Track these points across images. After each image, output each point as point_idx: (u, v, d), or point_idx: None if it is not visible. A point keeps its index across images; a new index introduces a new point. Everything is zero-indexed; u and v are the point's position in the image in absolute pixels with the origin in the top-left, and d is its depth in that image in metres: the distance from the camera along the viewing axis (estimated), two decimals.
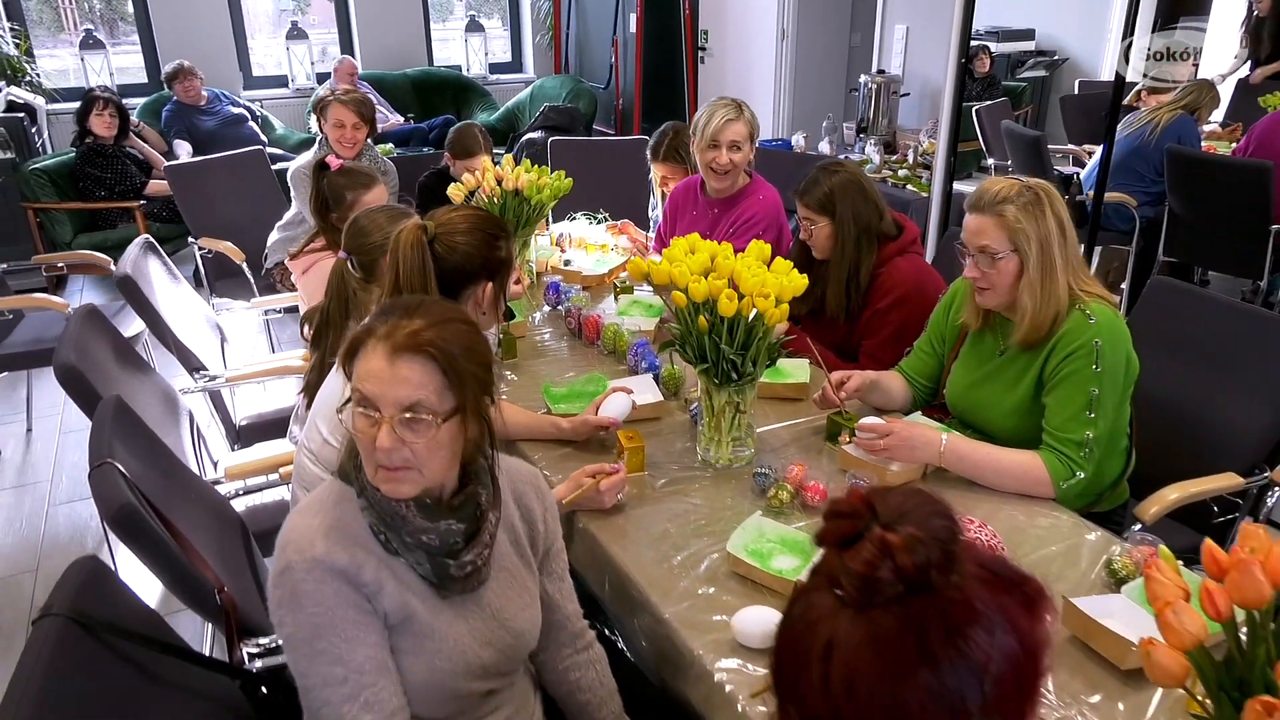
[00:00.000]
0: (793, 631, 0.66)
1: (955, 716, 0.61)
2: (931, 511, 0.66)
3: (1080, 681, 1.32)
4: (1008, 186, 1.80)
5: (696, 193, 2.94)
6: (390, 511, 1.18)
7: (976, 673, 0.62)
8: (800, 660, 0.64)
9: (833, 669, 0.62)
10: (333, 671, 1.15)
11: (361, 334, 1.17)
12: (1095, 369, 1.75)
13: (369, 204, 2.39)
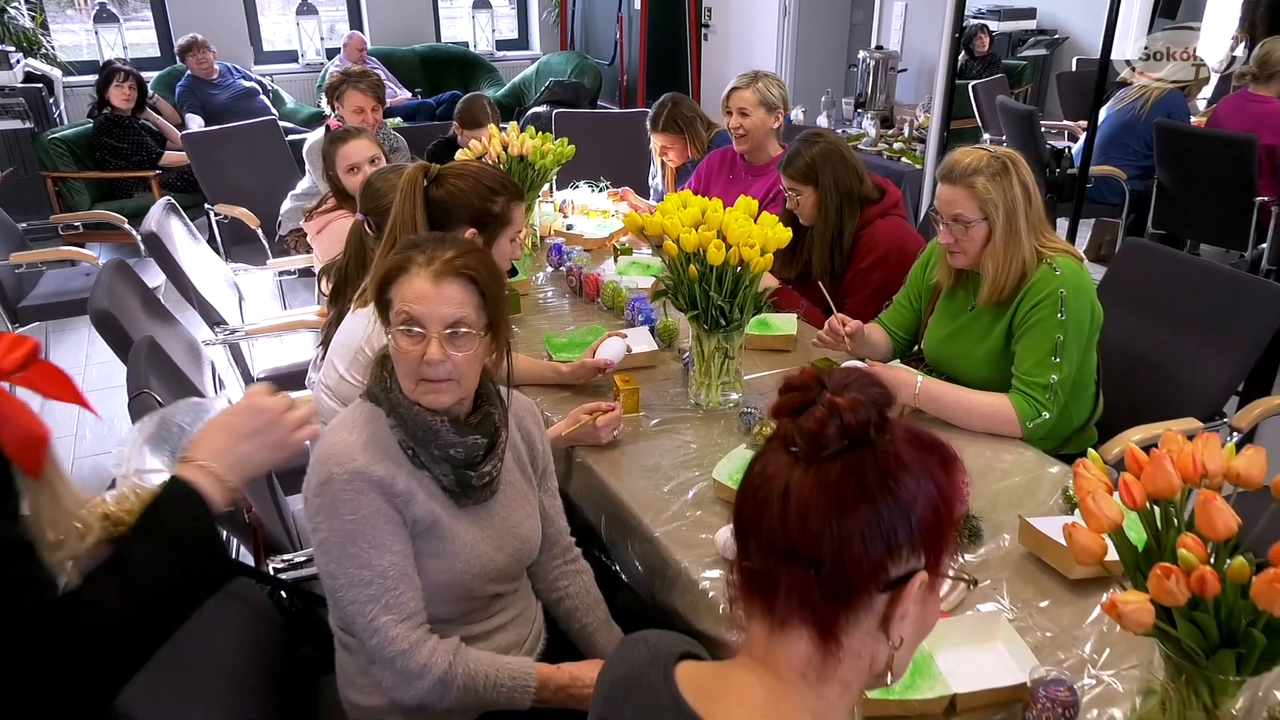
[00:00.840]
0: (754, 483, 0.79)
1: (888, 546, 0.74)
2: (870, 383, 0.79)
3: (1032, 590, 1.45)
4: (977, 158, 1.91)
5: (732, 157, 3.07)
6: (423, 426, 1.33)
7: (905, 511, 0.75)
8: (761, 504, 0.77)
9: (789, 508, 0.75)
10: (360, 574, 1.29)
11: (400, 262, 1.32)
12: (1060, 316, 1.87)
13: (347, 155, 2.63)
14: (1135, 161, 4.41)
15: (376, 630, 1.30)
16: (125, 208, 5.05)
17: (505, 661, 1.39)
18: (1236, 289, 2.20)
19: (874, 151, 4.52)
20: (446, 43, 7.69)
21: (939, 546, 0.78)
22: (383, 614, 1.31)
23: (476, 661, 1.36)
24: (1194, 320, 2.23)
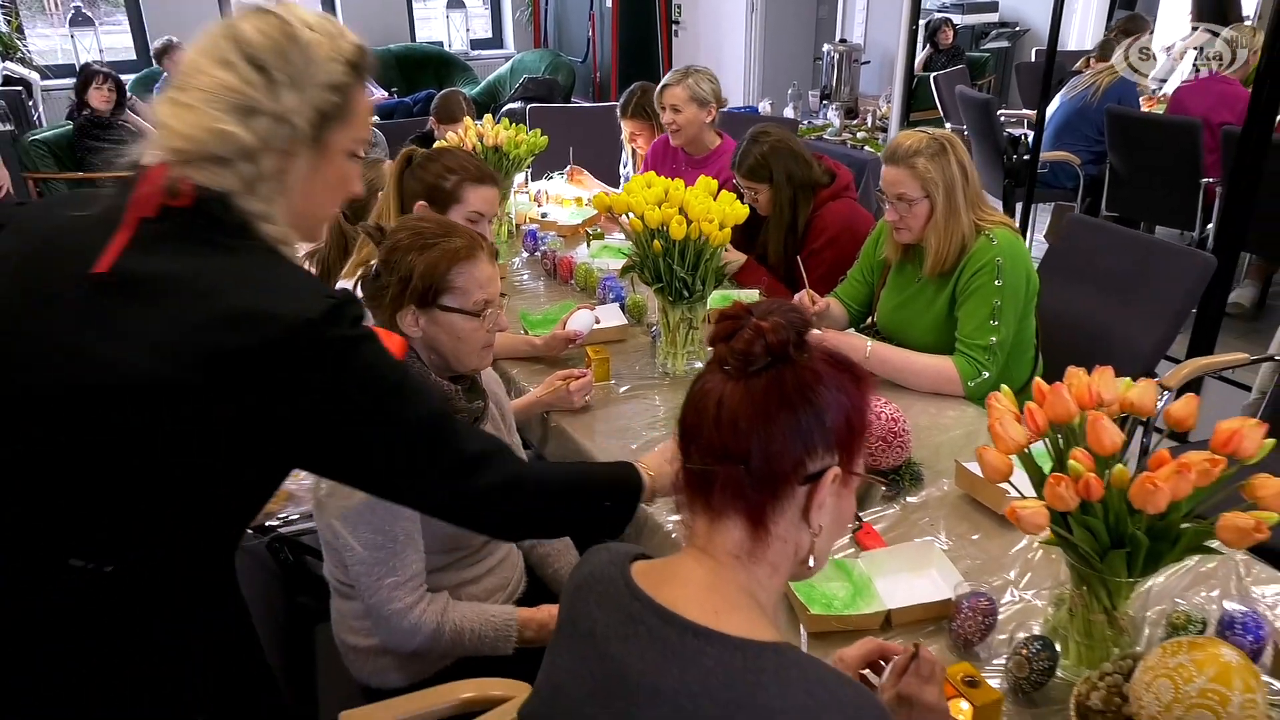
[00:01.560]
0: (694, 398, 0.92)
1: (806, 445, 0.88)
2: (790, 310, 0.92)
3: (966, 525, 1.60)
4: (917, 140, 2.05)
5: (673, 150, 3.20)
6: (442, 395, 1.48)
7: (819, 416, 0.88)
8: (699, 414, 0.91)
9: (722, 416, 0.89)
10: (373, 539, 1.42)
11: (463, 251, 1.46)
12: (997, 283, 2.02)
13: None
14: (1088, 147, 4.58)
15: (379, 590, 1.43)
16: None
17: (490, 614, 1.52)
18: (1166, 257, 2.36)
19: (838, 140, 4.68)
20: (421, 42, 7.79)
21: (851, 448, 0.92)
22: (387, 576, 1.43)
23: (462, 617, 1.49)
24: (1128, 288, 2.39)
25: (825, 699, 0.81)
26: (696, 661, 0.84)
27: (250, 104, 0.95)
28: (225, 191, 0.95)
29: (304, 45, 0.99)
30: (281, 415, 0.93)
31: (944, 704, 1.09)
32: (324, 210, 1.09)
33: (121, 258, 0.91)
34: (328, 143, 1.02)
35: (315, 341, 0.92)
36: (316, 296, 0.94)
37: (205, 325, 0.89)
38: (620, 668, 0.87)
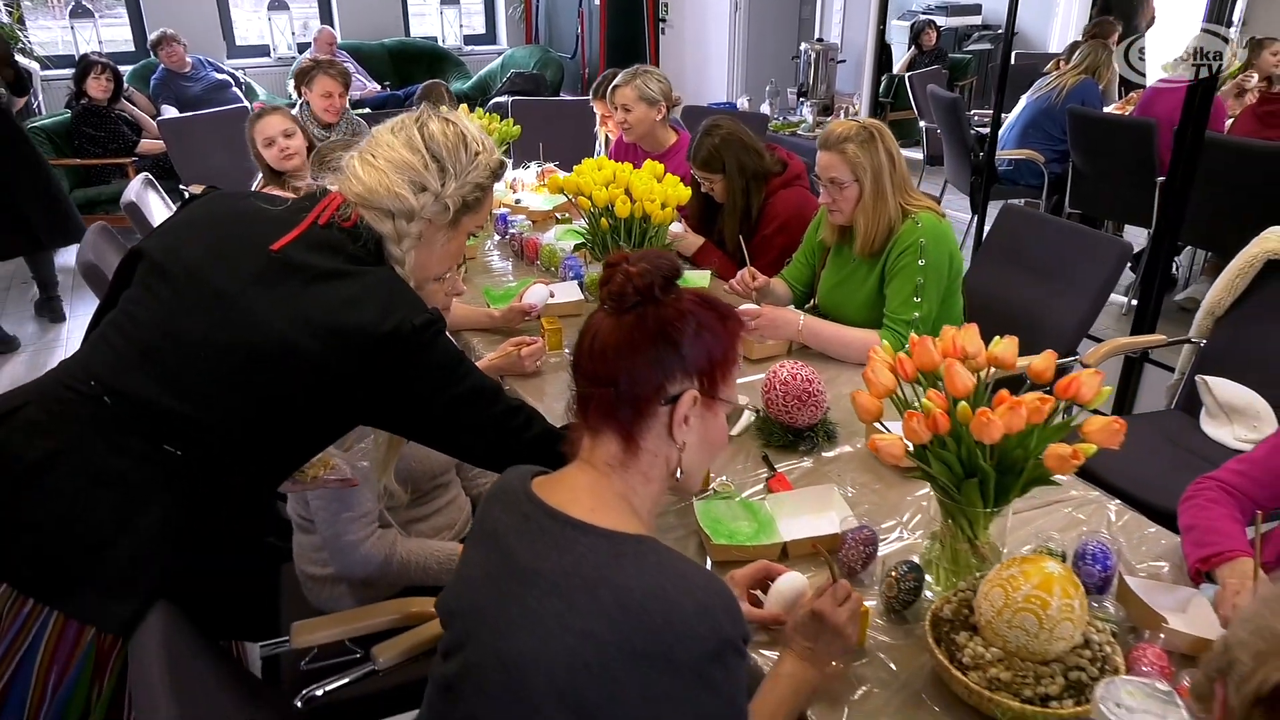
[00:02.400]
0: (581, 334, 1.09)
1: (665, 371, 1.04)
2: (660, 258, 1.08)
3: (869, 477, 1.75)
4: (848, 128, 2.21)
5: (632, 146, 3.36)
6: None
7: (677, 347, 1.04)
8: (580, 346, 1.07)
9: (596, 346, 1.05)
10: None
11: None
12: (921, 262, 2.17)
13: (262, 130, 2.88)
14: (1052, 146, 4.73)
15: (335, 523, 1.59)
16: (104, 194, 5.29)
17: (434, 549, 1.68)
18: (1089, 244, 2.52)
19: (811, 137, 4.83)
20: (415, 38, 7.95)
21: (712, 376, 1.08)
22: (343, 511, 1.60)
23: (409, 551, 1.65)
24: (1053, 271, 2.55)
25: (675, 578, 0.97)
26: (571, 548, 0.99)
27: (423, 182, 1.29)
28: (381, 234, 1.28)
29: (468, 150, 1.33)
30: (378, 386, 1.21)
31: (850, 630, 1.23)
32: (436, 270, 1.39)
33: (290, 245, 1.22)
34: (461, 224, 1.35)
35: (415, 338, 1.21)
36: (420, 310, 1.24)
37: (339, 307, 1.19)
38: (512, 557, 1.03)
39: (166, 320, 1.21)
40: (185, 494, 1.18)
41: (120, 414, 1.17)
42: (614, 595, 0.95)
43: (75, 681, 1.12)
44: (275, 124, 2.89)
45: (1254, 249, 2.44)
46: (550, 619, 0.96)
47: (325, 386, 1.20)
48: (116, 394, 1.18)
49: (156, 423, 1.17)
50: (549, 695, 0.95)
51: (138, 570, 1.13)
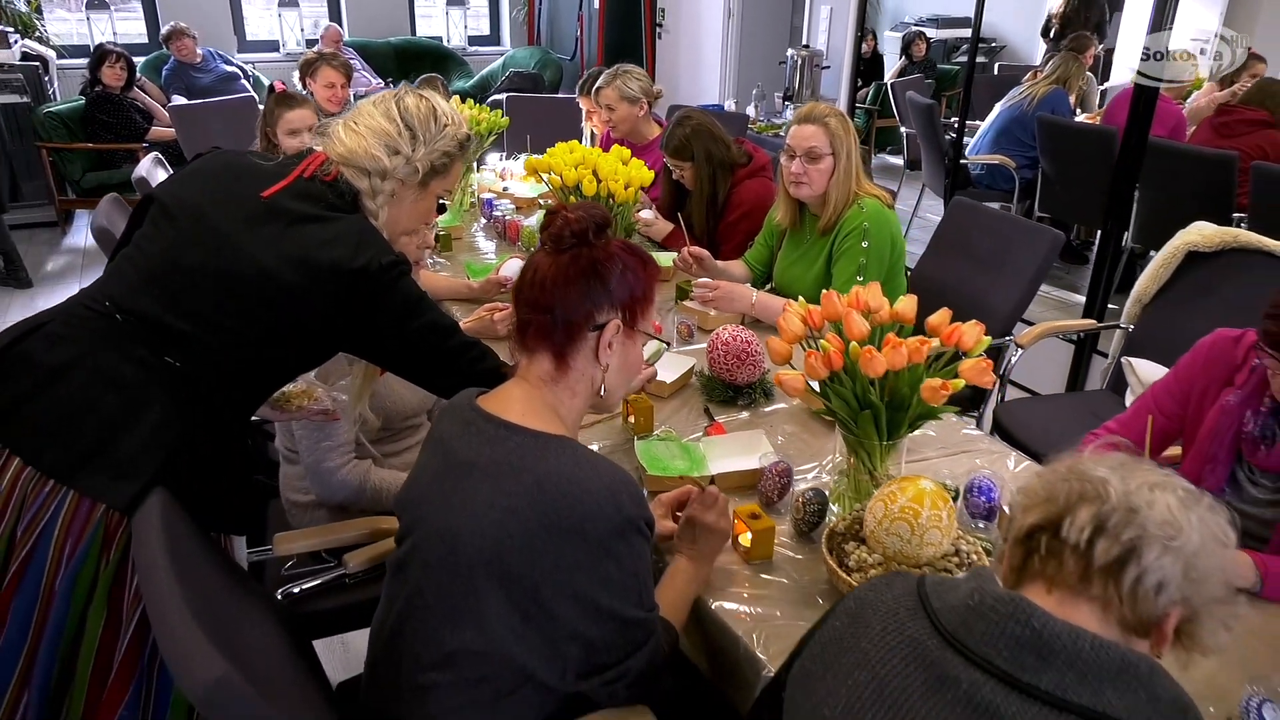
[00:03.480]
0: (524, 270, 1.28)
1: (594, 302, 1.23)
2: (593, 209, 1.28)
3: (797, 427, 1.95)
4: (827, 107, 2.43)
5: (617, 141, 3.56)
6: None
7: (605, 282, 1.24)
8: (523, 279, 1.27)
9: (536, 279, 1.24)
10: None
11: None
12: (864, 244, 2.37)
13: (292, 120, 2.92)
14: (1023, 152, 4.93)
15: (315, 451, 1.79)
16: (115, 177, 5.51)
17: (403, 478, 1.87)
18: (1024, 234, 2.72)
19: None
20: (421, 37, 8.17)
21: (633, 310, 1.28)
22: (323, 440, 1.80)
23: (380, 479, 1.85)
24: (994, 260, 2.75)
25: (588, 467, 1.17)
26: (502, 444, 1.19)
27: (396, 146, 1.50)
28: (358, 189, 1.49)
29: (438, 122, 1.54)
30: (349, 315, 1.42)
31: (722, 525, 1.44)
32: (407, 226, 1.60)
33: (278, 193, 1.43)
34: (430, 186, 1.56)
35: (382, 275, 1.41)
36: (388, 253, 1.44)
37: (317, 245, 1.39)
38: (453, 454, 1.23)
39: (170, 252, 1.42)
40: (182, 398, 1.38)
41: (129, 329, 1.37)
42: (535, 480, 1.15)
43: (85, 553, 1.31)
44: (306, 117, 2.97)
45: (1177, 241, 2.64)
46: (481, 501, 1.16)
47: (303, 313, 1.40)
48: (126, 312, 1.38)
49: (159, 337, 1.37)
50: (479, 564, 1.15)
51: (140, 457, 1.32)
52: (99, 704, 1.34)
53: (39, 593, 1.32)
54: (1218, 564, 0.87)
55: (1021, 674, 0.80)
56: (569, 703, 1.24)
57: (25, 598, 1.32)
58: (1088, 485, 0.89)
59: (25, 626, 1.33)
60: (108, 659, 1.34)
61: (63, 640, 1.33)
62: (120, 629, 1.34)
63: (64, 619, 1.33)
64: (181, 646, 1.00)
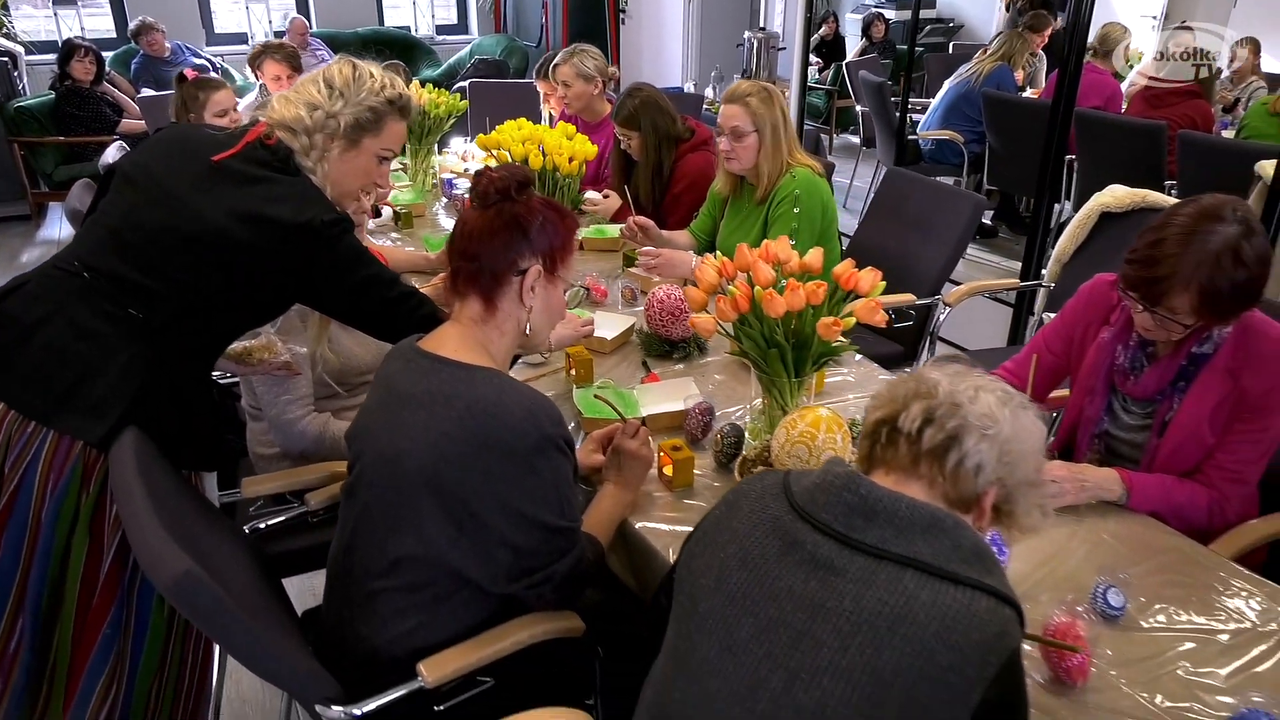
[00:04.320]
0: (456, 224, 1.44)
1: (516, 251, 1.39)
2: (515, 169, 1.43)
3: (728, 377, 2.11)
4: (750, 86, 2.58)
5: (573, 118, 3.70)
6: None
7: (526, 233, 1.39)
8: (456, 231, 1.42)
9: (465, 231, 1.40)
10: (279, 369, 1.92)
11: None
12: (795, 210, 2.54)
13: (219, 101, 3.00)
14: (971, 127, 5.11)
15: (276, 404, 1.94)
16: (86, 169, 5.59)
17: None
18: (951, 199, 2.89)
19: None
20: (389, 27, 8.27)
21: (553, 258, 1.43)
22: (284, 394, 1.94)
23: (339, 429, 2.00)
24: (924, 224, 2.92)
25: (511, 393, 1.33)
26: (437, 375, 1.35)
27: (316, 103, 1.63)
28: (292, 148, 1.62)
29: (359, 80, 1.66)
30: (296, 269, 1.56)
31: (644, 453, 1.60)
32: (349, 185, 1.71)
33: (228, 159, 1.56)
34: (360, 143, 1.67)
35: (319, 233, 1.54)
36: (328, 210, 1.58)
37: (262, 203, 1.52)
38: (395, 389, 1.38)
39: (131, 214, 1.56)
40: (146, 346, 1.52)
41: (96, 285, 1.51)
42: (465, 405, 1.31)
43: (67, 487, 1.46)
44: (228, 96, 3.07)
45: (1092, 204, 2.82)
46: (418, 426, 1.32)
47: (252, 267, 1.54)
48: (93, 270, 1.52)
49: (123, 292, 1.51)
50: (418, 481, 1.30)
51: (110, 399, 1.47)
52: (85, 623, 1.49)
53: (27, 523, 1.47)
54: (1028, 451, 1.04)
55: (851, 533, 0.96)
56: (503, 605, 1.40)
57: (14, 529, 1.47)
58: (922, 385, 1.06)
59: (16, 555, 1.48)
60: (92, 582, 1.49)
61: (50, 566, 1.48)
62: (102, 555, 1.49)
63: (50, 546, 1.48)
64: (153, 549, 1.16)
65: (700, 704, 0.99)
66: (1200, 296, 1.51)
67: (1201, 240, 1.50)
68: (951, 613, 0.89)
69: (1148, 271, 1.54)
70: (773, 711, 0.93)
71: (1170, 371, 1.68)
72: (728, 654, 0.98)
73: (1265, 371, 1.60)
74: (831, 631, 0.92)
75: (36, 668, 1.54)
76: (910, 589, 0.91)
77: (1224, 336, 1.64)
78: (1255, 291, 1.54)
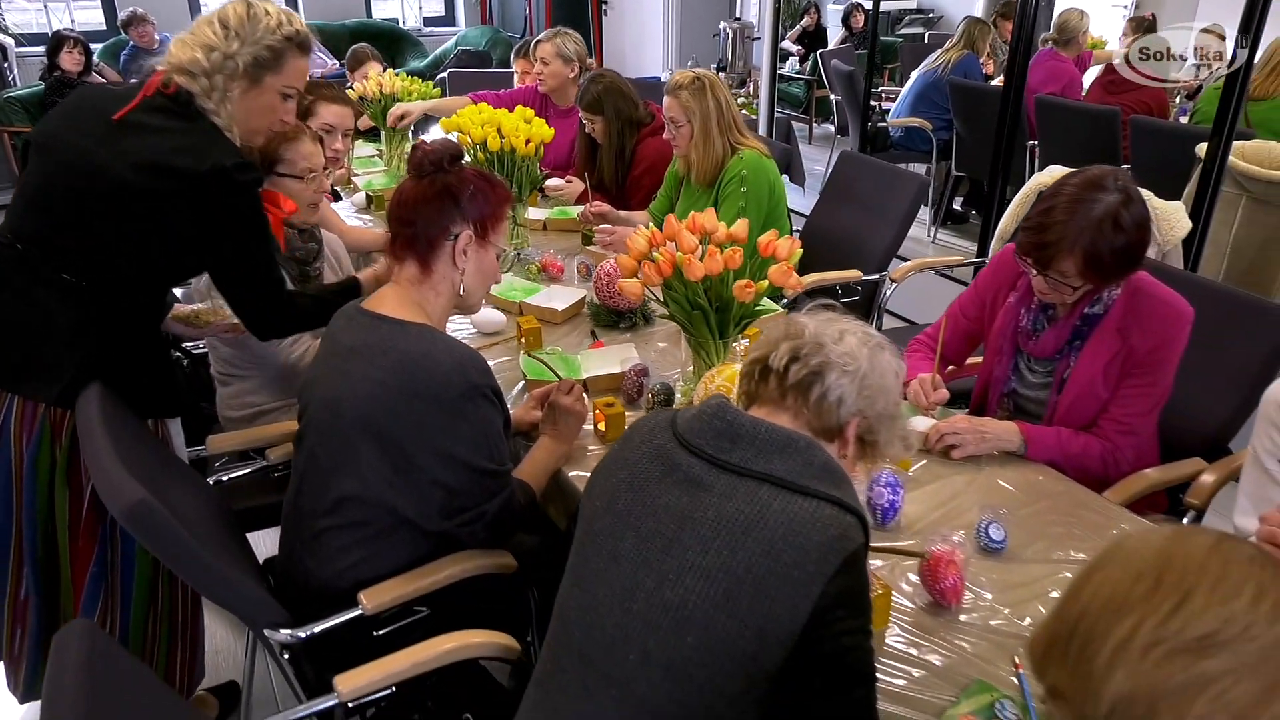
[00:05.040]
0: (394, 194, 1.56)
1: (448, 218, 1.51)
2: (448, 144, 1.56)
3: (669, 345, 2.24)
4: (684, 77, 2.70)
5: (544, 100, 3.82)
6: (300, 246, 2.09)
7: (457, 201, 1.52)
8: (394, 200, 1.55)
9: (401, 200, 1.53)
10: None
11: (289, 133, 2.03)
12: (742, 189, 2.66)
13: None
14: (939, 115, 5.23)
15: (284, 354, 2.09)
16: None
17: None
18: (896, 179, 3.02)
19: None
20: (377, 19, 8.38)
21: (484, 225, 1.56)
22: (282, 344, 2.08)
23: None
24: (872, 205, 3.05)
25: (442, 345, 1.46)
26: (375, 331, 1.48)
27: (212, 45, 1.65)
28: (192, 91, 1.64)
29: (254, 19, 1.67)
30: (200, 217, 1.60)
31: (577, 408, 1.73)
32: (256, 123, 1.75)
33: (129, 113, 1.59)
34: (262, 81, 1.69)
35: (224, 178, 1.59)
36: (233, 154, 1.62)
37: (166, 154, 1.56)
38: (338, 344, 1.51)
39: (46, 180, 1.63)
40: (87, 307, 1.61)
41: (30, 255, 1.60)
42: (398, 356, 1.44)
43: (39, 443, 1.59)
44: None
45: (1031, 183, 2.93)
46: (357, 375, 1.45)
47: (163, 219, 1.59)
48: (24, 240, 1.61)
49: (54, 257, 1.59)
50: (357, 425, 1.43)
51: (60, 360, 1.59)
52: (76, 568, 1.64)
53: (10, 478, 1.61)
54: (886, 386, 1.17)
55: (719, 454, 1.09)
56: (439, 543, 1.53)
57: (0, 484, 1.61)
58: (792, 328, 1.19)
59: (8, 510, 1.63)
60: (76, 528, 1.63)
61: (38, 515, 1.63)
62: (82, 502, 1.63)
63: (35, 497, 1.62)
64: (110, 479, 1.28)
65: (590, 609, 1.12)
66: (1084, 260, 1.64)
67: (1086, 208, 1.63)
68: (798, 518, 1.02)
69: (1038, 238, 1.67)
70: (645, 610, 1.06)
71: (1066, 331, 1.81)
72: (612, 564, 1.11)
73: (1151, 330, 1.73)
74: (696, 538, 1.05)
75: (47, 612, 1.69)
76: (764, 499, 1.04)
77: (1114, 298, 1.77)
78: (1135, 255, 1.66)
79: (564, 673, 1.14)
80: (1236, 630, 0.61)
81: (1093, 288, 1.72)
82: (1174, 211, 2.64)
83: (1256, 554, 0.66)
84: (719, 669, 1.01)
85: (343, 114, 2.61)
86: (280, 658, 1.46)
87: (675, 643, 1.03)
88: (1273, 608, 0.62)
